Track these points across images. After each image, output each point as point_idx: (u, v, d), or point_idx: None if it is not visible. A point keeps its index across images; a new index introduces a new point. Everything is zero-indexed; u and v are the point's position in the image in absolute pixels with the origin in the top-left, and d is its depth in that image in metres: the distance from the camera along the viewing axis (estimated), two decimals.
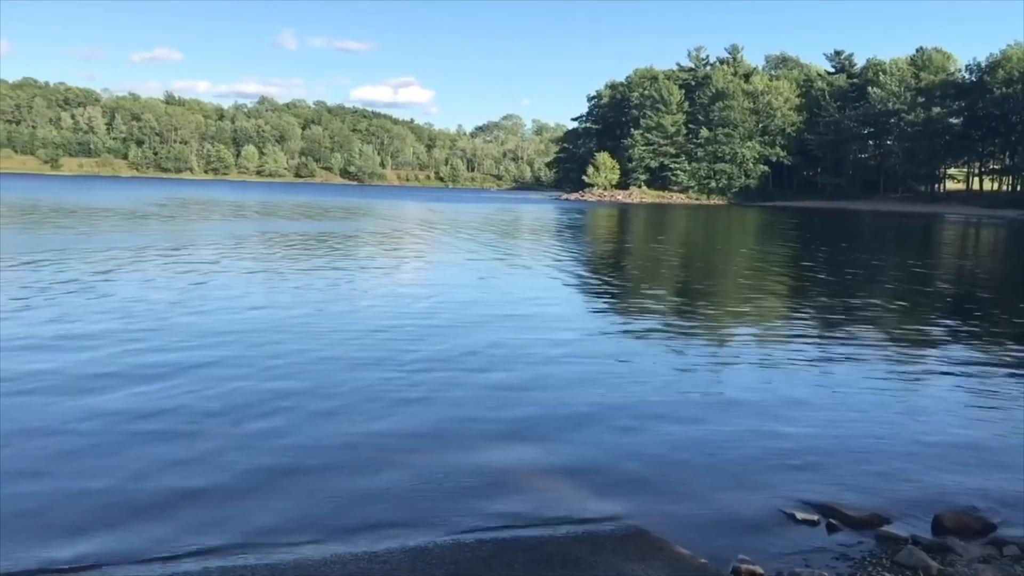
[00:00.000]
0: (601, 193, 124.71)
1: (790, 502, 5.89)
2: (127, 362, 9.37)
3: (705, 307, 16.12)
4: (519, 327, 12.59)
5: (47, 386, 8.27)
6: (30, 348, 9.94)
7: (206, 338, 10.88)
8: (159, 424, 7.21)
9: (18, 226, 31.87)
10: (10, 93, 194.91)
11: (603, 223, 55.96)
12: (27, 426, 7.02)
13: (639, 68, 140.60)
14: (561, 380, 9.25)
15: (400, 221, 46.51)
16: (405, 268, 21.29)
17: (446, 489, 5.96)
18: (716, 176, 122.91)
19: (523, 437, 7.22)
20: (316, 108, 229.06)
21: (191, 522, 5.32)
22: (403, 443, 6.89)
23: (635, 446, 7.07)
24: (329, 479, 6.11)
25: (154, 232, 31.25)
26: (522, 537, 5.25)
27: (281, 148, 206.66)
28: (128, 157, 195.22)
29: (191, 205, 55.54)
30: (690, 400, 8.65)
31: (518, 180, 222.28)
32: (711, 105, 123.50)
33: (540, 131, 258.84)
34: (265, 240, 28.83)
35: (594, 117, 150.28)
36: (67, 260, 19.53)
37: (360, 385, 8.70)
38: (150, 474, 6.08)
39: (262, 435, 7.03)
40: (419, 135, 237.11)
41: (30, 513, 5.37)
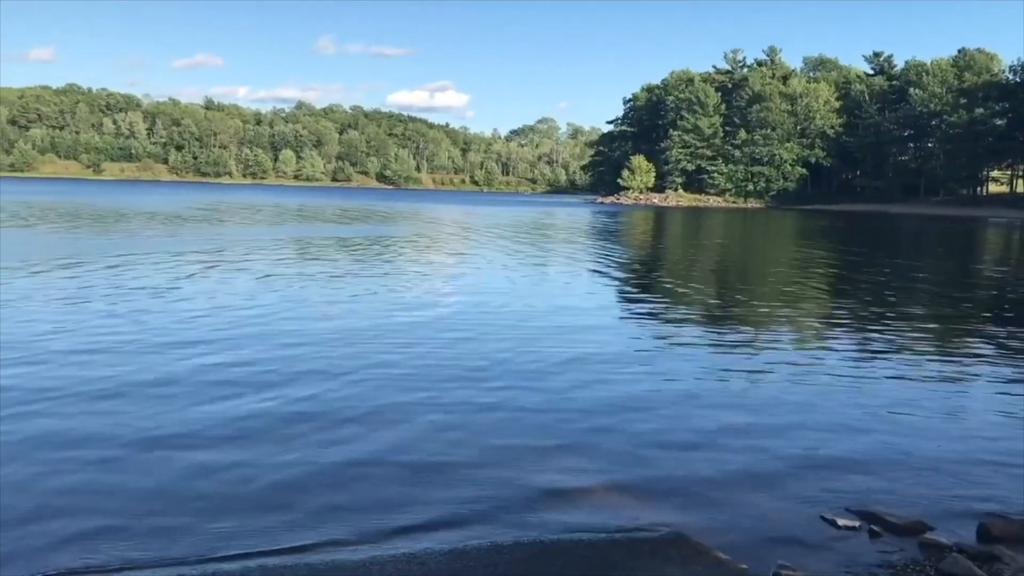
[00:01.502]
0: (637, 196, 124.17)
1: (831, 508, 5.82)
2: (192, 366, 9.53)
3: (743, 313, 15.98)
4: (557, 334, 12.57)
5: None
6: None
7: (277, 344, 11.05)
8: (201, 428, 7.32)
9: (90, 230, 32.61)
10: (54, 99, 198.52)
11: (639, 226, 55.69)
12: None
13: (675, 71, 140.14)
14: (596, 387, 9.20)
15: (438, 225, 46.62)
16: (446, 274, 21.31)
17: (484, 494, 5.97)
18: (753, 179, 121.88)
19: (559, 443, 7.20)
20: (353, 113, 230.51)
21: (232, 522, 5.40)
22: (441, 450, 6.90)
23: (673, 452, 7.03)
24: (369, 482, 6.15)
25: (218, 236, 31.64)
26: (560, 541, 5.24)
27: (318, 152, 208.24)
28: (168, 162, 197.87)
29: (239, 210, 56.05)
30: (727, 406, 8.58)
31: (553, 184, 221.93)
32: (748, 107, 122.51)
33: (575, 134, 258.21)
34: (319, 245, 29.10)
35: (630, 120, 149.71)
36: (139, 264, 19.96)
37: (407, 391, 8.72)
38: (199, 475, 6.18)
39: (308, 437, 7.11)
40: (454, 139, 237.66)
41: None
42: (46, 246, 24.77)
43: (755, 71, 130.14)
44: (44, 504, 5.55)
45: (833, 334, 13.30)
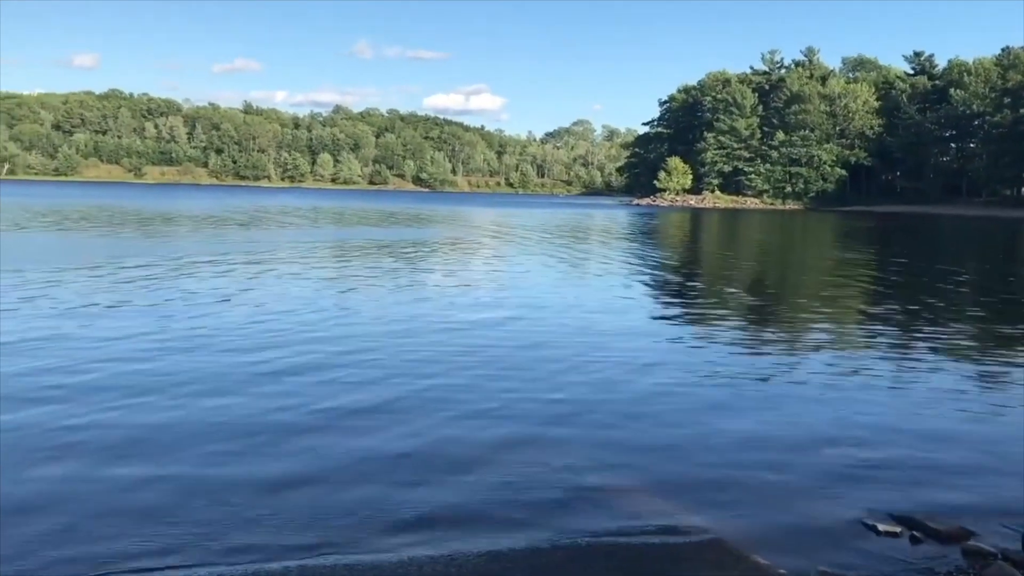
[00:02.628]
0: (673, 198, 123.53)
1: (871, 513, 5.76)
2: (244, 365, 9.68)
3: (781, 315, 15.88)
4: (595, 336, 12.60)
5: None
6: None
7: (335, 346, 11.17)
8: (221, 422, 7.43)
9: (142, 233, 33.23)
10: (97, 104, 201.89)
11: (676, 228, 55.41)
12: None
13: (712, 72, 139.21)
14: (634, 390, 9.20)
15: (477, 228, 46.67)
16: (489, 278, 21.33)
17: (523, 496, 5.99)
18: (792, 180, 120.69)
19: (595, 445, 7.21)
20: (389, 116, 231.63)
21: (274, 521, 5.47)
22: (480, 452, 6.93)
23: (710, 456, 7.01)
24: (409, 482, 6.20)
25: (265, 240, 32.03)
26: (598, 544, 5.24)
27: (355, 156, 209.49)
28: (208, 165, 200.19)
29: (280, 214, 56.55)
30: (765, 410, 8.53)
31: (588, 186, 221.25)
32: (786, 108, 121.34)
33: (611, 136, 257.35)
34: (366, 249, 29.35)
35: (666, 121, 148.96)
36: (198, 268, 20.27)
37: (447, 394, 8.76)
38: (239, 471, 6.27)
39: (350, 436, 7.20)
40: (489, 142, 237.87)
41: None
42: (103, 249, 25.32)
43: (793, 72, 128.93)
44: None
45: (872, 337, 13.16)
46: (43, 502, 5.66)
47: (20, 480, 6.04)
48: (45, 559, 4.87)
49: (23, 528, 5.25)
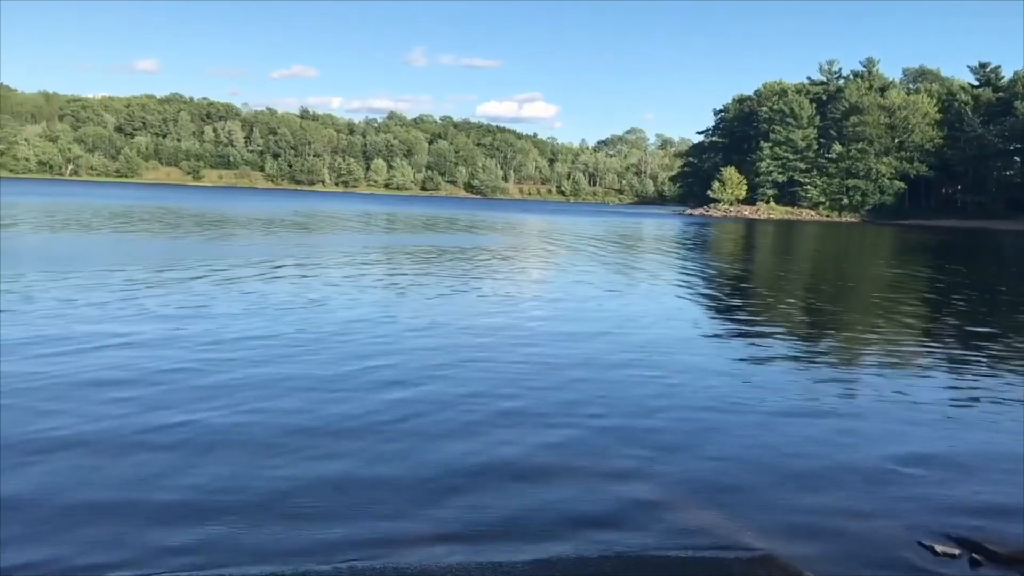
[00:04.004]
0: (727, 208, 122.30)
1: (928, 534, 5.63)
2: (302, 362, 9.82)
3: (835, 330, 15.61)
4: (648, 345, 12.53)
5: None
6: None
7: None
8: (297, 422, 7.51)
9: (215, 234, 33.98)
10: (158, 108, 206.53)
11: (731, 239, 54.84)
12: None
13: (768, 82, 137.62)
14: (683, 401, 9.14)
15: (530, 236, 46.76)
16: (542, 286, 21.41)
17: (571, 504, 5.97)
18: (849, 192, 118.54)
19: (646, 457, 7.17)
20: (443, 123, 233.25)
21: (323, 521, 5.53)
22: (530, 463, 6.93)
23: (763, 470, 6.93)
24: (458, 489, 6.22)
25: (333, 244, 32.53)
26: (647, 556, 5.20)
27: (408, 162, 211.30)
28: (264, 169, 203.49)
29: (339, 218, 57.32)
30: (819, 426, 8.40)
31: (640, 194, 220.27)
32: (844, 120, 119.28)
33: (664, 145, 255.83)
34: (429, 254, 29.63)
35: (720, 131, 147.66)
36: (270, 269, 20.72)
37: (497, 404, 8.77)
38: (300, 474, 6.35)
39: (407, 440, 7.26)
40: (541, 149, 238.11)
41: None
42: (179, 251, 26.03)
43: (852, 82, 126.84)
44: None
45: (929, 354, 12.87)
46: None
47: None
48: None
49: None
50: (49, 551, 4.96)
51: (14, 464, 6.29)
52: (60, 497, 5.74)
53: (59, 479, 6.05)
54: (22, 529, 5.23)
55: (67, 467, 6.31)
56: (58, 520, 5.38)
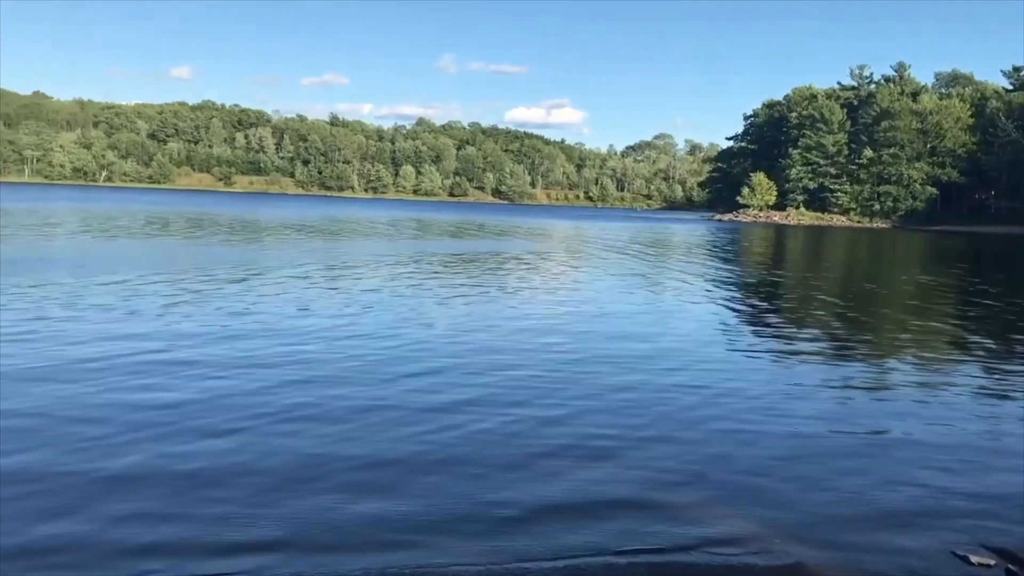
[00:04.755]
0: (756, 214, 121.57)
1: (962, 544, 5.59)
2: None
3: (866, 339, 15.46)
4: (676, 355, 12.51)
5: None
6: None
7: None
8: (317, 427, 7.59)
9: (249, 239, 34.40)
10: (191, 114, 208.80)
11: (761, 246, 54.47)
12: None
13: (798, 87, 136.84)
14: (715, 411, 9.12)
15: (560, 241, 46.75)
16: (573, 292, 21.43)
17: (599, 513, 5.98)
18: (880, 198, 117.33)
19: (676, 469, 7.15)
20: (471, 129, 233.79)
21: (353, 524, 5.60)
22: (561, 465, 6.96)
23: (793, 479, 6.91)
24: (491, 490, 6.29)
25: (368, 249, 32.78)
26: (676, 562, 5.21)
27: (437, 168, 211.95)
28: (295, 175, 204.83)
29: (375, 224, 57.63)
30: (850, 436, 8.36)
31: (669, 200, 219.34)
32: (875, 125, 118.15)
33: (693, 150, 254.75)
34: (462, 260, 29.75)
35: (750, 136, 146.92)
36: (303, 274, 20.94)
37: (532, 410, 8.80)
38: (345, 478, 6.41)
39: (435, 445, 7.31)
40: (569, 155, 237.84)
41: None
42: (223, 256, 26.45)
43: (883, 87, 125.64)
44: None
45: (961, 364, 12.74)
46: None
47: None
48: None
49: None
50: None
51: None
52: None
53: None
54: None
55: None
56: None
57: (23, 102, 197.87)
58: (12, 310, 13.45)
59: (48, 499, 5.78)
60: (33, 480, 6.11)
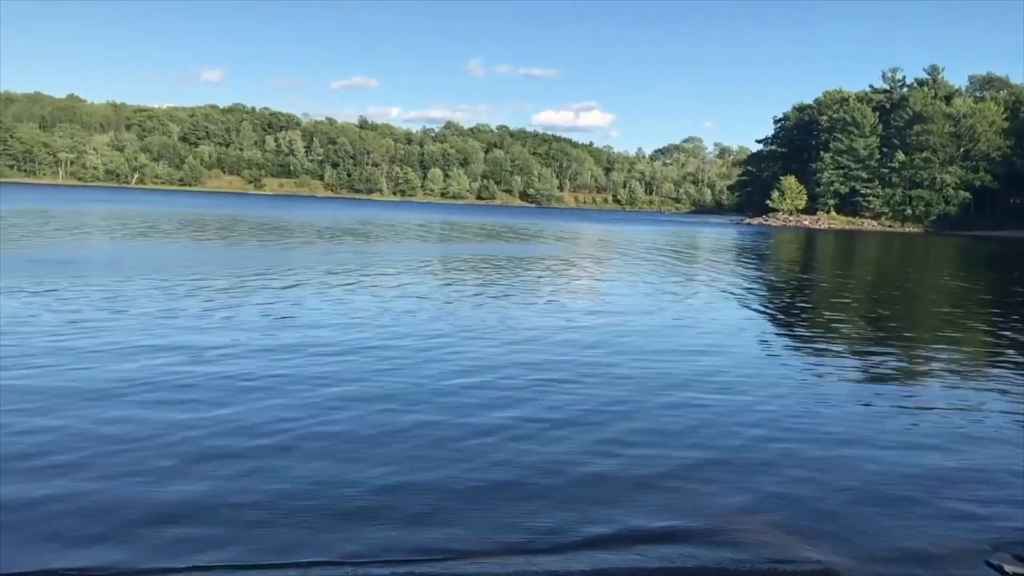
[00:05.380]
0: (786, 218, 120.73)
1: (996, 553, 5.50)
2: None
3: (899, 346, 15.22)
4: (702, 358, 12.46)
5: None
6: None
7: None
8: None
9: (291, 242, 34.72)
10: (222, 117, 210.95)
11: (792, 250, 54.06)
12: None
13: (829, 90, 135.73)
14: (747, 416, 9.05)
15: (589, 245, 46.65)
16: (603, 297, 21.39)
17: (628, 519, 5.96)
18: (912, 202, 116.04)
19: (705, 476, 7.11)
20: (499, 132, 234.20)
21: (384, 527, 5.62)
22: (590, 472, 6.93)
23: (826, 486, 6.83)
24: (524, 496, 6.29)
25: (402, 252, 32.99)
26: (707, 568, 5.18)
27: (464, 171, 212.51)
28: (324, 178, 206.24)
29: (405, 227, 57.99)
30: (883, 442, 8.26)
31: (697, 203, 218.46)
32: (908, 129, 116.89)
33: (722, 154, 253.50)
34: (494, 263, 29.83)
35: (780, 140, 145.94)
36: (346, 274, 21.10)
37: (566, 415, 8.78)
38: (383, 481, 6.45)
39: (471, 450, 7.33)
40: (597, 158, 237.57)
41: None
42: (260, 258, 26.87)
43: (916, 91, 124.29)
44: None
45: (995, 371, 12.53)
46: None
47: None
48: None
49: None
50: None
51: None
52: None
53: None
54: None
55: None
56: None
57: (58, 105, 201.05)
58: (56, 311, 13.68)
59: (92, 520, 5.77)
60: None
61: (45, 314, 13.44)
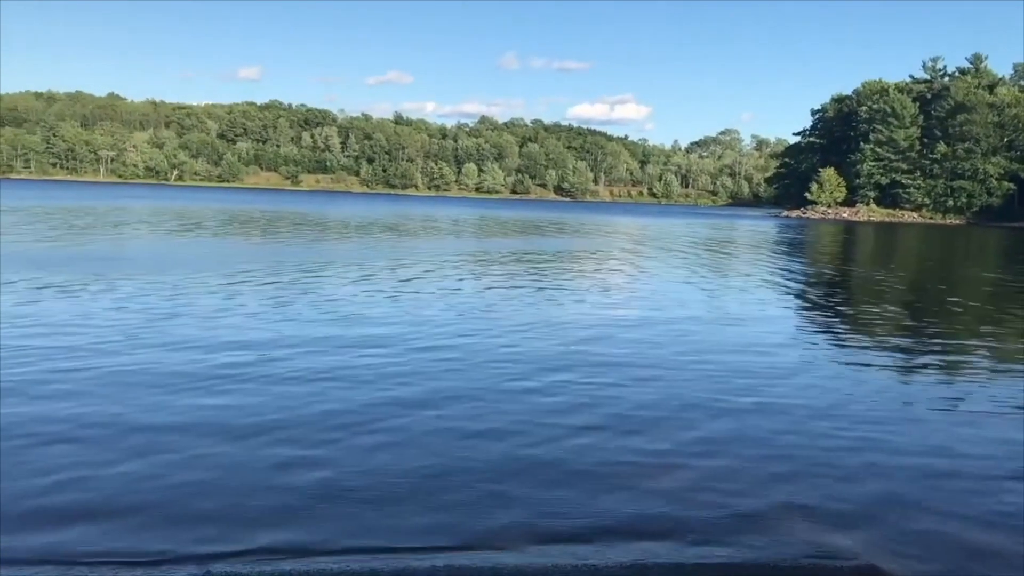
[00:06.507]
0: (824, 210, 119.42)
1: None
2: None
3: (939, 341, 14.99)
4: (739, 352, 12.38)
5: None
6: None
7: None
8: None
9: (349, 237, 35.05)
10: (259, 114, 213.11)
11: (833, 243, 53.39)
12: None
13: (868, 80, 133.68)
14: (784, 410, 8.95)
15: (627, 239, 46.34)
16: (644, 290, 21.26)
17: (667, 509, 5.95)
18: (954, 194, 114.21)
19: (738, 459, 7.09)
20: (533, 126, 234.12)
21: (424, 518, 5.65)
22: (629, 468, 6.89)
23: (867, 479, 6.75)
24: (562, 486, 6.28)
25: (448, 247, 33.21)
26: (745, 563, 5.13)
27: (499, 165, 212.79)
28: (359, 174, 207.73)
29: (444, 222, 58.35)
30: (930, 436, 8.12)
31: (734, 196, 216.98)
32: (949, 119, 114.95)
33: (760, 146, 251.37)
34: (535, 259, 29.90)
35: (818, 131, 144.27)
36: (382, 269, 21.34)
37: (612, 408, 8.75)
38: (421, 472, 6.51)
39: (540, 447, 7.30)
40: (633, 151, 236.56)
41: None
42: (312, 254, 27.04)
43: (958, 80, 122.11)
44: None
45: None
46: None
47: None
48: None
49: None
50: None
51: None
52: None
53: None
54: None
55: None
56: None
57: (99, 103, 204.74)
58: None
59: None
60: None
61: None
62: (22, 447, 6.74)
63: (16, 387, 8.51)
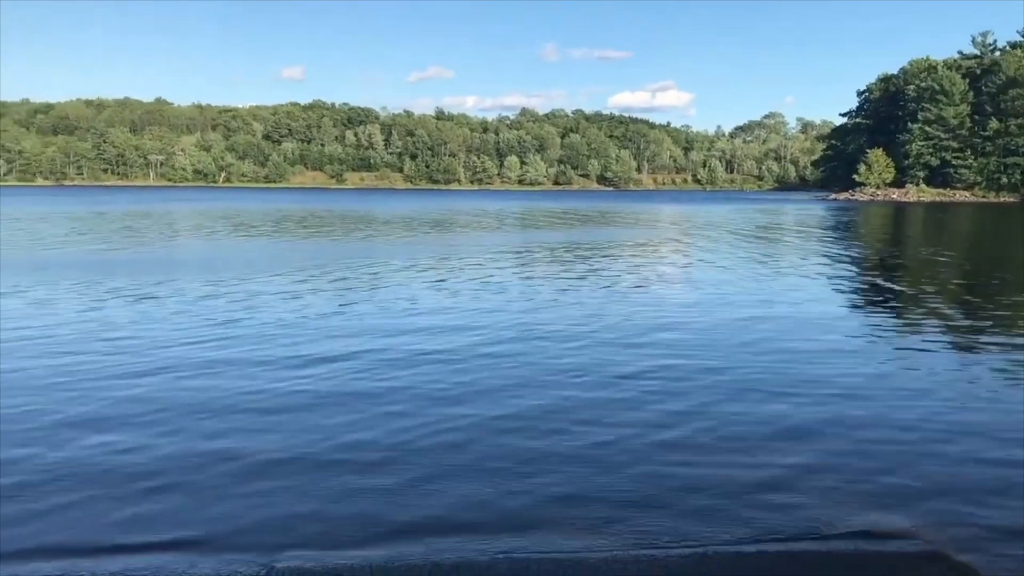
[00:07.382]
0: (873, 192, 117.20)
1: None
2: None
3: (993, 320, 14.76)
4: (790, 337, 12.37)
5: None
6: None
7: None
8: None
9: (390, 236, 35.55)
10: (303, 114, 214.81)
11: (885, 226, 52.31)
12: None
13: (914, 59, 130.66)
14: (839, 392, 8.96)
15: (674, 228, 45.98)
16: (691, 279, 21.18)
17: (724, 497, 6.00)
18: (1007, 171, 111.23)
19: (803, 444, 7.13)
20: (575, 117, 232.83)
21: (459, 507, 5.80)
22: (680, 454, 6.96)
23: (927, 461, 6.76)
24: (608, 473, 6.40)
25: (497, 242, 33.47)
26: (807, 550, 5.15)
27: (541, 157, 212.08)
28: (403, 170, 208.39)
29: (493, 216, 58.33)
30: (990, 419, 8.07)
31: (780, 180, 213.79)
32: (1001, 94, 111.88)
33: (805, 129, 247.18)
34: (589, 251, 29.96)
35: (865, 112, 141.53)
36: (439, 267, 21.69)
37: (649, 396, 8.84)
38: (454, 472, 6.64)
39: (561, 435, 7.41)
40: (676, 138, 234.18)
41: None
42: (367, 251, 27.40)
43: (1008, 54, 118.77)
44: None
45: None
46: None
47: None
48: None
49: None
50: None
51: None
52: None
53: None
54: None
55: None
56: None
57: (146, 108, 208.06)
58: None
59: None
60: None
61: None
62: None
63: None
